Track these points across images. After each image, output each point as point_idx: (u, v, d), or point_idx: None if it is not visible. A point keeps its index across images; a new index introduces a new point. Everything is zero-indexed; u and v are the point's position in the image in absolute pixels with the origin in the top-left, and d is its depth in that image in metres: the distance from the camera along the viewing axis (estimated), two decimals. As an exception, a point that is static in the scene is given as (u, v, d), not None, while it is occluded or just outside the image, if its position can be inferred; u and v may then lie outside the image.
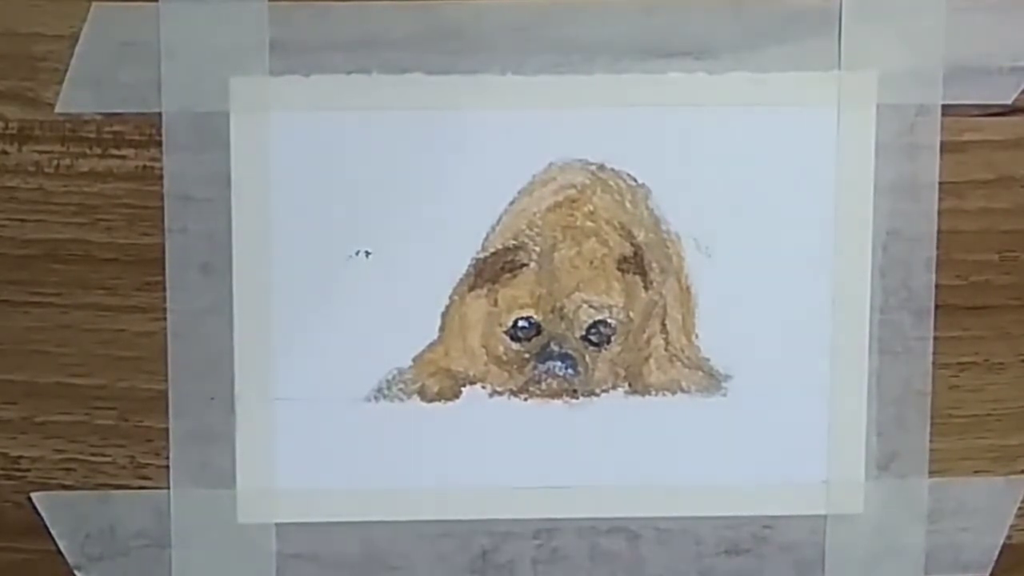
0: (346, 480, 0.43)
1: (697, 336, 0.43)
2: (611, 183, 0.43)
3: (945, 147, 0.43)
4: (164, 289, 0.42)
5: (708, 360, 0.43)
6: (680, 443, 0.43)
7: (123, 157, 0.42)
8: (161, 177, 0.42)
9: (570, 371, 0.43)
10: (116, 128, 0.42)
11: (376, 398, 0.43)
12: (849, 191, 0.43)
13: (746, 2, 0.42)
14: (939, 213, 0.43)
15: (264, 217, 0.42)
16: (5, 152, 0.42)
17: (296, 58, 0.42)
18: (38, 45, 0.41)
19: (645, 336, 0.43)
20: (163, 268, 0.42)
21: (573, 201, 0.43)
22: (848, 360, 0.43)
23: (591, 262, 0.43)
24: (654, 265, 0.43)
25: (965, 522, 0.44)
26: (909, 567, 0.44)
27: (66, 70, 0.41)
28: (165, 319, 0.42)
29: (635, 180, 0.43)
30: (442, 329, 0.43)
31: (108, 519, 0.43)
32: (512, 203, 0.43)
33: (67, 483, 0.43)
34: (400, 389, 0.43)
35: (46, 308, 0.42)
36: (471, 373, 0.43)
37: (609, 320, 0.43)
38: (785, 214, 0.43)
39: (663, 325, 0.43)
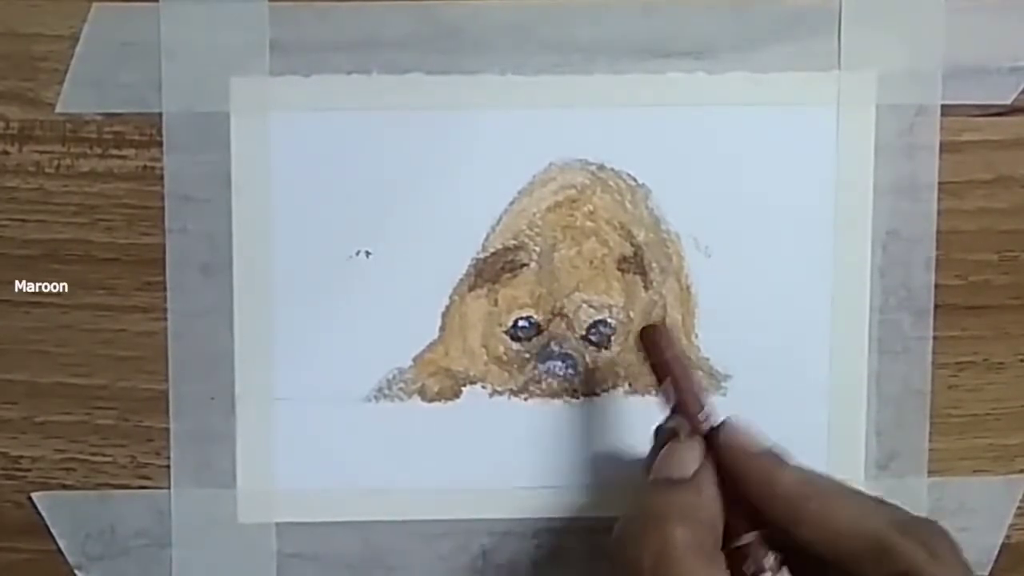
0: (346, 480, 0.43)
1: (697, 336, 0.43)
2: (611, 183, 0.43)
3: (944, 147, 0.43)
4: (164, 289, 0.42)
5: (708, 360, 0.43)
6: (680, 443, 0.43)
7: (123, 157, 0.42)
8: (161, 177, 0.42)
9: (570, 371, 0.43)
10: (116, 128, 0.42)
11: (376, 398, 0.43)
12: (848, 191, 0.43)
13: (746, 2, 0.42)
14: (938, 213, 0.43)
15: (264, 217, 0.42)
16: (6, 152, 0.42)
17: (296, 58, 0.42)
18: (39, 45, 0.41)
19: (645, 336, 0.43)
20: (163, 268, 0.42)
21: (573, 201, 0.43)
22: (847, 360, 0.43)
23: (591, 262, 0.43)
24: (654, 265, 0.43)
25: (964, 522, 0.44)
26: (908, 566, 0.44)
27: (66, 70, 0.41)
28: (165, 319, 0.42)
29: (635, 180, 0.43)
30: (442, 329, 0.43)
31: (108, 519, 0.43)
32: (512, 203, 0.43)
33: (67, 483, 0.43)
34: (400, 389, 0.43)
35: (47, 308, 0.42)
36: (471, 373, 0.43)
37: (609, 320, 0.43)
38: (784, 214, 0.43)
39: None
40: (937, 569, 0.32)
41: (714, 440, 0.36)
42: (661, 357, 0.39)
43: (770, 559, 0.35)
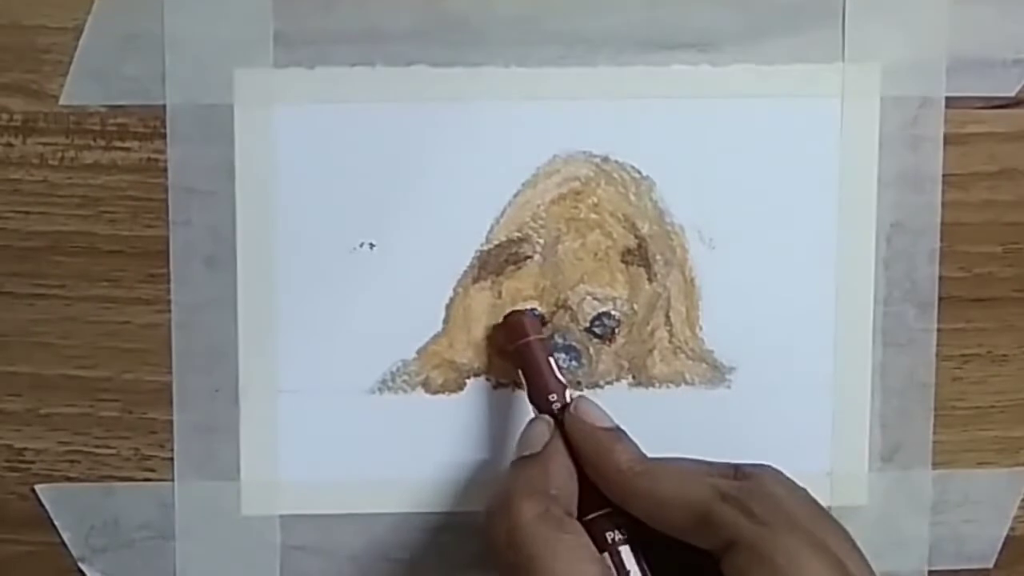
0: (350, 472, 0.43)
1: (701, 328, 0.43)
2: (615, 175, 0.43)
3: (948, 139, 0.43)
4: (168, 281, 0.42)
5: (712, 352, 0.43)
6: (684, 435, 0.43)
7: (127, 149, 0.42)
8: (165, 169, 0.42)
9: (574, 363, 0.43)
10: (120, 120, 0.42)
11: (380, 390, 0.43)
12: (853, 183, 0.43)
13: (750, -6, 0.42)
14: (943, 205, 0.43)
15: (268, 209, 0.42)
16: (10, 144, 0.42)
17: (300, 50, 0.42)
18: (42, 37, 0.41)
19: (649, 328, 0.43)
20: (167, 260, 0.42)
21: (577, 193, 0.43)
22: (852, 352, 0.43)
23: (595, 254, 0.43)
24: (658, 257, 0.43)
25: (969, 514, 0.44)
26: (913, 558, 0.44)
27: (70, 62, 0.41)
28: (169, 311, 0.42)
29: (639, 172, 0.43)
30: (446, 321, 0.43)
31: (112, 511, 0.43)
32: (516, 195, 0.43)
33: (71, 475, 0.43)
34: (404, 381, 0.43)
35: (50, 300, 0.42)
36: (475, 365, 0.43)
37: (613, 312, 0.43)
38: (789, 206, 0.43)
39: (667, 317, 0.43)
40: (757, 531, 0.33)
41: (564, 417, 0.38)
42: (513, 346, 0.40)
43: (614, 535, 0.36)
